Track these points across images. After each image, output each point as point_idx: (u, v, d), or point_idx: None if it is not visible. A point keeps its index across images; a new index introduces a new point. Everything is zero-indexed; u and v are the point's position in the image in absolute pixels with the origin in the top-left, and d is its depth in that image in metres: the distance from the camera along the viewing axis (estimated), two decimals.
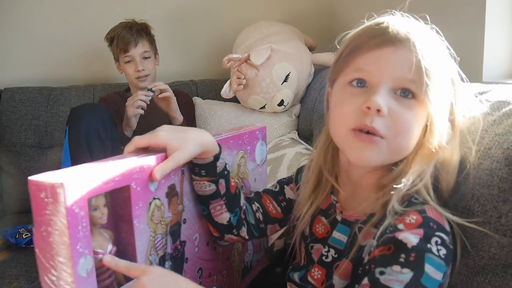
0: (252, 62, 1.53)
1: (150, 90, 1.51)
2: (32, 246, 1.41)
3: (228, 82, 1.63)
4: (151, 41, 1.70)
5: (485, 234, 0.61)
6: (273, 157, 1.36)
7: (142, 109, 1.48)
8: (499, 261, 0.60)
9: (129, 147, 0.67)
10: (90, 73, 2.05)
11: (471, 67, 1.09)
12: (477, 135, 0.65)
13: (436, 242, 0.55)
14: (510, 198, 0.58)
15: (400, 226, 0.57)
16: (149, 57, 1.66)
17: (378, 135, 0.59)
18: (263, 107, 1.61)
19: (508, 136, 0.62)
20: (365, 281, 0.56)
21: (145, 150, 0.67)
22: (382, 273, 0.54)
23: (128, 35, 1.61)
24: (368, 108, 0.59)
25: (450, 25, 1.16)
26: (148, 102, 1.49)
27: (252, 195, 0.86)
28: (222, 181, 0.75)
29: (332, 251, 0.69)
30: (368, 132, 0.60)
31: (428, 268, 0.53)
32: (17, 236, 1.41)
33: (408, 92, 0.60)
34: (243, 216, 0.81)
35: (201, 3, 2.05)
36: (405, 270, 0.53)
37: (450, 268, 0.58)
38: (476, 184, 0.63)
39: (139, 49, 1.62)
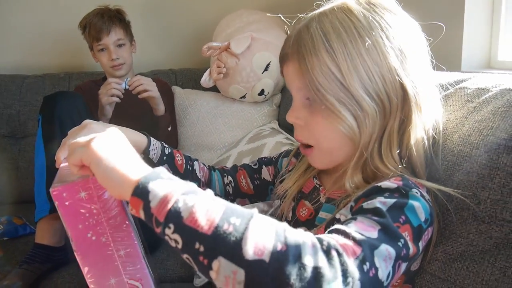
0: (232, 50, 1.51)
1: (126, 83, 1.45)
2: (5, 238, 1.37)
3: (207, 71, 1.60)
4: (126, 28, 1.64)
5: (463, 220, 0.61)
6: (253, 147, 1.35)
7: (117, 97, 1.43)
8: (476, 247, 0.60)
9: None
10: (66, 61, 1.99)
11: (450, 57, 1.10)
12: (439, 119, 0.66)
13: (416, 193, 0.56)
14: (488, 184, 0.59)
15: (379, 183, 0.58)
16: (124, 45, 1.61)
17: (304, 144, 0.66)
18: (244, 96, 1.59)
19: (488, 123, 0.62)
20: (348, 215, 0.56)
21: None
22: (367, 204, 0.54)
23: (100, 22, 1.56)
24: None
25: (429, 15, 1.16)
26: (123, 91, 1.44)
27: (229, 168, 0.88)
28: (165, 167, 0.77)
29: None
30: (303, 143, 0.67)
31: (413, 202, 0.54)
32: None
33: (310, 99, 0.62)
34: (203, 188, 0.83)
35: None
36: (389, 199, 0.54)
37: (432, 229, 0.59)
38: (455, 171, 0.63)
39: (112, 37, 1.57)
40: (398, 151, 0.62)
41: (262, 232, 0.42)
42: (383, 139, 0.62)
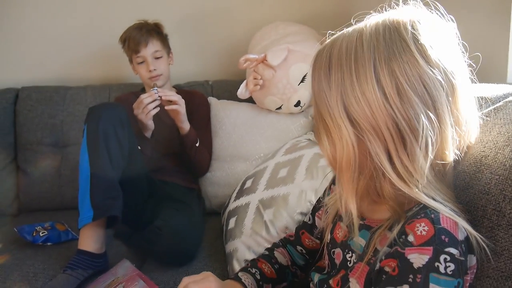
0: (269, 62, 1.52)
1: (156, 90, 1.47)
2: (49, 244, 1.42)
3: (244, 83, 1.62)
4: (163, 40, 1.69)
5: None
6: (290, 158, 1.35)
7: (156, 107, 1.46)
8: None
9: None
10: (106, 73, 2.07)
11: (496, 67, 1.07)
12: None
13: (445, 259, 0.56)
14: None
15: (410, 237, 0.58)
16: (161, 57, 1.66)
17: None
18: (279, 107, 1.60)
19: None
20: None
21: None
22: None
23: (139, 35, 1.62)
24: None
25: (475, 24, 1.14)
26: (158, 98, 1.46)
27: (294, 236, 0.96)
28: (264, 287, 0.87)
29: (354, 256, 0.69)
30: None
31: (434, 287, 0.55)
32: (34, 234, 1.42)
33: None
34: (293, 269, 0.94)
35: (216, 3, 2.05)
36: None
37: (470, 274, 0.60)
38: (507, 185, 0.62)
39: (149, 49, 1.62)
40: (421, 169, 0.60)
41: None
42: (393, 160, 0.60)
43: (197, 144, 1.61)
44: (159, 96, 1.47)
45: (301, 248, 0.95)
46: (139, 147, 1.50)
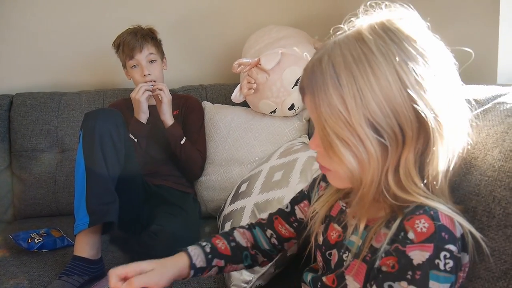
0: (263, 66, 1.53)
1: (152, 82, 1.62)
2: (44, 250, 1.42)
3: (238, 87, 1.63)
4: (157, 45, 1.70)
5: (507, 237, 0.60)
6: (285, 162, 1.36)
7: (149, 91, 1.60)
8: None
9: (113, 279, 0.77)
10: (100, 78, 2.07)
11: (485, 68, 1.08)
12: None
13: (445, 256, 0.56)
14: None
15: (410, 234, 0.58)
16: (155, 61, 1.67)
17: (323, 166, 0.68)
18: (274, 111, 1.61)
19: None
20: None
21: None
22: (390, 287, 0.58)
23: (133, 40, 1.62)
24: None
25: (463, 25, 1.15)
26: (152, 87, 1.60)
27: (266, 220, 0.93)
28: (215, 262, 0.84)
29: (350, 255, 0.70)
30: None
31: (433, 284, 0.56)
32: (29, 241, 1.42)
33: None
34: (253, 252, 0.90)
35: (209, 8, 2.06)
36: (411, 287, 0.56)
37: (462, 272, 0.62)
38: (497, 187, 0.62)
39: (144, 53, 1.63)
40: (421, 179, 0.60)
41: None
42: (399, 170, 0.60)
43: (182, 142, 1.62)
44: (152, 85, 1.60)
45: (271, 233, 0.91)
46: (135, 140, 1.53)
